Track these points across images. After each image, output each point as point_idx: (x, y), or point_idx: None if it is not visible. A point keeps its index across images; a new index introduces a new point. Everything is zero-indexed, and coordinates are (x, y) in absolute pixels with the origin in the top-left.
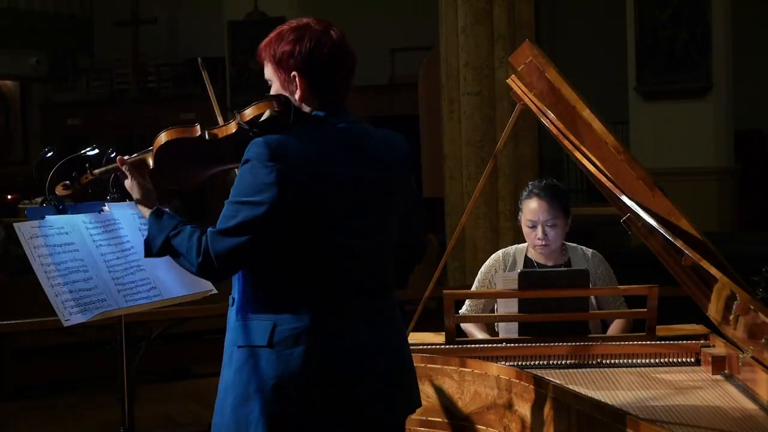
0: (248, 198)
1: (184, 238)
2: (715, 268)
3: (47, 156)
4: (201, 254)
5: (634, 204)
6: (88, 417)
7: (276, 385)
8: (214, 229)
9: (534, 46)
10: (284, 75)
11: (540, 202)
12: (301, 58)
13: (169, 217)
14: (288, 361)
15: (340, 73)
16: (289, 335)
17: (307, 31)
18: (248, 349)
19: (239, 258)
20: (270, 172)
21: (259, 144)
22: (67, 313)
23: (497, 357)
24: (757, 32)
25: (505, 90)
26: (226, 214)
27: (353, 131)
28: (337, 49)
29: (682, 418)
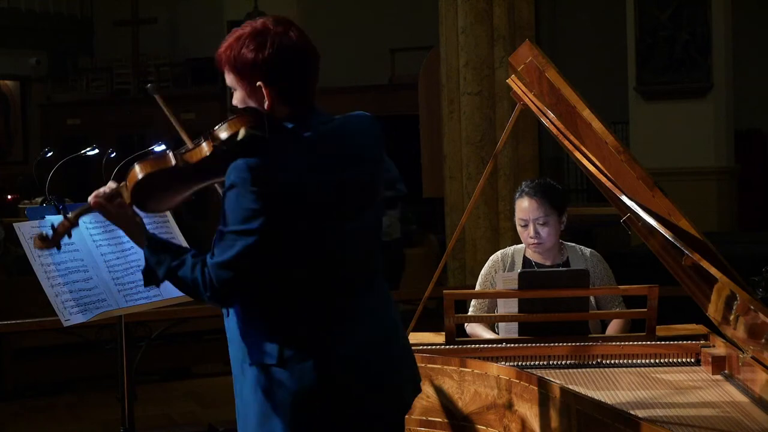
0: (240, 227)
1: (187, 270)
2: (715, 268)
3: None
4: (209, 288)
5: (634, 204)
6: (88, 417)
7: (294, 402)
8: (214, 261)
9: (534, 46)
10: (248, 85)
11: (530, 200)
12: (265, 67)
13: (163, 246)
14: (301, 376)
15: (306, 75)
16: (297, 351)
17: (268, 36)
18: (260, 366)
19: (244, 286)
20: (256, 199)
21: (240, 168)
22: (67, 313)
23: (497, 357)
24: (757, 32)
25: (505, 90)
26: (223, 245)
27: (329, 134)
28: (300, 52)
29: (682, 418)
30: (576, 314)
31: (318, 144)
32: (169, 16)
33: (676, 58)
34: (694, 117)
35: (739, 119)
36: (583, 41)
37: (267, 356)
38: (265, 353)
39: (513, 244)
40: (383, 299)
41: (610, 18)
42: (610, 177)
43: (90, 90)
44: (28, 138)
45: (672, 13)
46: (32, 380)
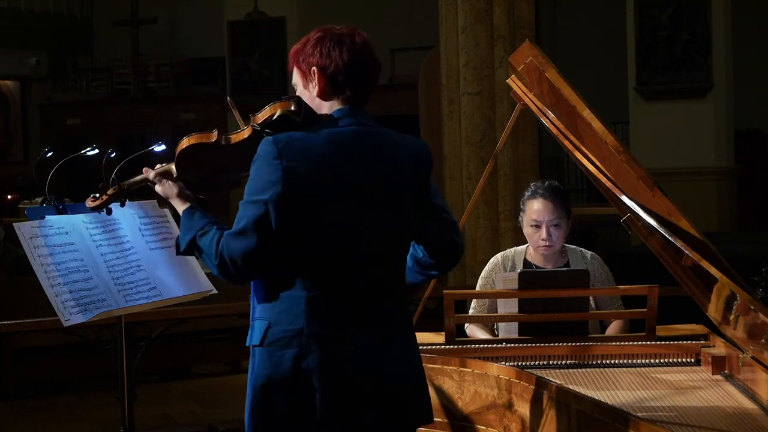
0: (255, 197)
1: (208, 239)
2: (715, 268)
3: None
4: (218, 257)
5: (634, 204)
6: (88, 417)
7: (264, 384)
8: (228, 231)
9: (534, 46)
10: (305, 70)
11: (545, 202)
12: (320, 54)
13: (200, 216)
14: (278, 362)
15: (359, 73)
16: (281, 337)
17: (330, 32)
18: (251, 348)
19: (252, 259)
20: (275, 170)
21: (267, 143)
22: (67, 313)
23: (497, 357)
24: (757, 32)
25: (505, 90)
26: (238, 215)
27: (364, 133)
28: (357, 51)
29: (682, 418)
30: (576, 314)
31: (350, 138)
32: (169, 16)
33: (676, 58)
34: (694, 117)
35: (739, 119)
36: (583, 41)
37: (255, 337)
38: (254, 334)
39: (513, 244)
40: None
41: (610, 18)
42: (610, 177)
43: (90, 90)
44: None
45: (672, 13)
46: (32, 380)
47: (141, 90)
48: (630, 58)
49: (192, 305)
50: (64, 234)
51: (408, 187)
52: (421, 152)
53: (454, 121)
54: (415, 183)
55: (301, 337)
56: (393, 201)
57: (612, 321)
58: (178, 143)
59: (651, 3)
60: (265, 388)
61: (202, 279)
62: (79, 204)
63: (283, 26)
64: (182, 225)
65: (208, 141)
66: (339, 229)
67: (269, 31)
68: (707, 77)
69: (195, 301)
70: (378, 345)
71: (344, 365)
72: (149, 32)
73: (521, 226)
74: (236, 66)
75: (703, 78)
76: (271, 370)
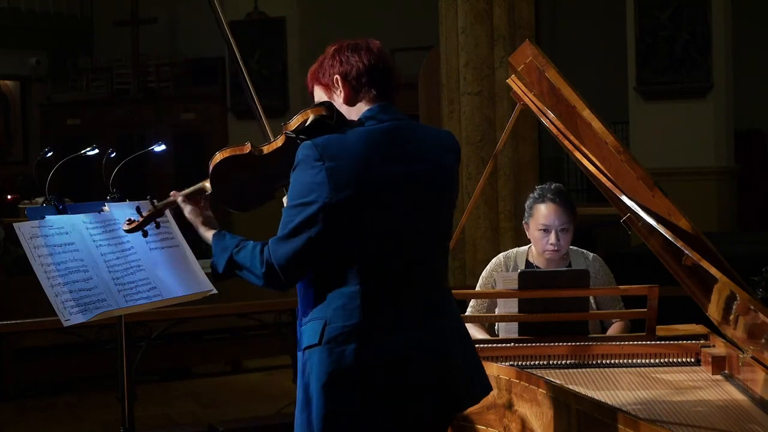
0: (301, 200)
1: (248, 252)
2: (715, 268)
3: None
4: (264, 264)
5: (634, 204)
6: (88, 417)
7: (328, 382)
8: (275, 237)
9: (534, 46)
10: (327, 82)
11: (555, 207)
12: (339, 62)
13: (231, 237)
14: (340, 359)
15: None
16: (340, 333)
17: (345, 42)
18: (306, 351)
19: (301, 262)
20: (318, 172)
21: (307, 146)
22: (67, 313)
23: (497, 357)
24: (757, 32)
25: (505, 90)
26: (284, 221)
27: (398, 128)
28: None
29: (682, 418)
30: (576, 314)
31: (386, 134)
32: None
33: (676, 58)
34: (694, 117)
35: (739, 119)
36: (583, 41)
37: (311, 338)
38: (311, 335)
39: (513, 244)
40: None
41: (610, 18)
42: (610, 177)
43: (90, 90)
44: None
45: (672, 13)
46: (32, 380)
47: (141, 90)
48: (630, 58)
49: (192, 305)
50: (64, 234)
51: (447, 177)
52: (453, 142)
53: (454, 121)
54: (452, 172)
55: (360, 332)
56: (435, 191)
57: (613, 322)
58: (210, 159)
59: (651, 3)
60: (330, 386)
61: (202, 279)
62: (79, 204)
63: (283, 26)
64: (214, 248)
65: (241, 153)
66: (387, 224)
67: (269, 31)
68: (707, 77)
69: (195, 301)
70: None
71: (401, 356)
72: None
73: (526, 228)
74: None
75: (703, 78)
76: (333, 367)
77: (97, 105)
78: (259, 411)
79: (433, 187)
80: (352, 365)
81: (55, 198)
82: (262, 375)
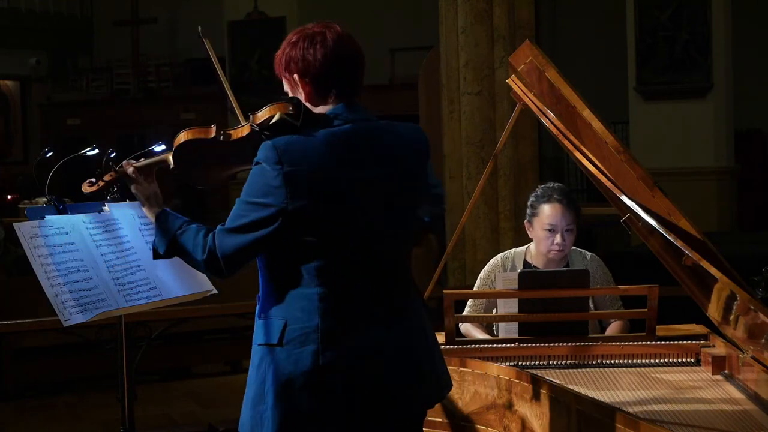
0: (257, 199)
1: (190, 236)
2: (715, 268)
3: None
4: (206, 251)
5: (634, 204)
6: (88, 417)
7: (286, 383)
8: (224, 227)
9: (534, 46)
10: (290, 79)
11: (561, 207)
12: (297, 60)
13: (174, 217)
14: (298, 360)
15: (340, 71)
16: (299, 334)
17: (303, 34)
18: (265, 347)
19: (243, 257)
20: (277, 175)
21: (268, 147)
22: (67, 313)
23: (497, 357)
24: (757, 32)
25: (505, 90)
26: (236, 213)
27: (364, 130)
28: (330, 48)
29: (682, 418)
30: (576, 314)
31: (349, 137)
32: (169, 16)
33: (676, 58)
34: (694, 117)
35: (739, 119)
36: (583, 41)
37: (271, 336)
38: (270, 333)
39: (513, 244)
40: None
41: (610, 18)
42: (610, 177)
43: (90, 90)
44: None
45: (672, 13)
46: (32, 380)
47: (141, 90)
48: (630, 58)
49: (192, 305)
50: (64, 234)
51: (410, 179)
52: (419, 139)
53: (454, 121)
54: (416, 172)
55: (317, 333)
56: (396, 194)
57: (612, 321)
58: (176, 136)
59: (651, 3)
60: (287, 387)
61: (202, 279)
62: (79, 204)
63: (283, 26)
64: (156, 229)
65: (206, 136)
66: (347, 228)
67: (269, 31)
68: (707, 77)
69: (195, 301)
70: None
71: (360, 358)
72: (149, 32)
73: (528, 227)
74: (236, 66)
75: (703, 78)
76: (291, 368)
77: (97, 105)
78: None
79: (396, 190)
80: (310, 368)
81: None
82: None
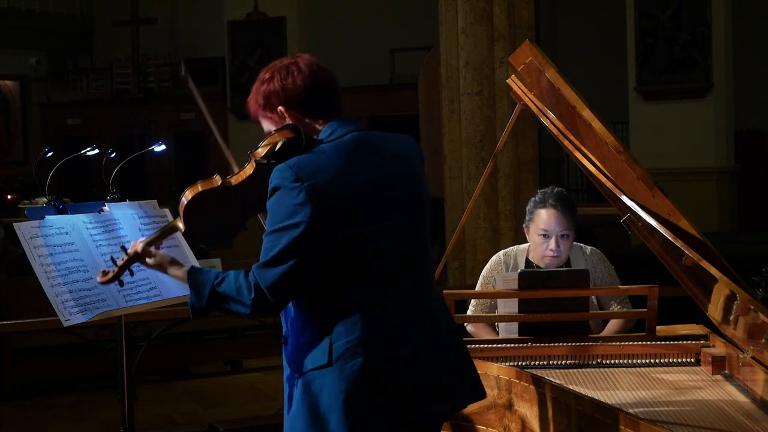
0: (284, 223)
1: (230, 282)
2: (715, 268)
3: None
4: (253, 290)
5: (634, 204)
6: (88, 417)
7: (345, 400)
8: (259, 263)
9: (534, 46)
10: (273, 116)
11: (556, 213)
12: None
13: (206, 271)
14: (351, 375)
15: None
16: (346, 349)
17: (275, 68)
18: (310, 373)
19: (290, 284)
20: (298, 193)
21: (281, 169)
22: (67, 313)
23: (497, 357)
24: (757, 32)
25: (505, 90)
26: (267, 246)
27: (365, 137)
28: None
29: (682, 418)
30: (576, 314)
31: (356, 144)
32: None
33: (676, 58)
34: (694, 117)
35: (739, 119)
36: (583, 41)
37: (319, 358)
38: (316, 356)
39: (513, 244)
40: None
41: (610, 18)
42: (610, 177)
43: (90, 90)
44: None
45: (672, 13)
46: (32, 380)
47: (141, 90)
48: (630, 58)
49: None
50: (64, 234)
51: (419, 178)
52: (414, 146)
53: (454, 121)
54: (421, 173)
55: (363, 344)
56: (412, 192)
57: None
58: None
59: (651, 3)
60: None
61: None
62: (79, 204)
63: (283, 26)
64: (191, 286)
65: (212, 187)
66: (373, 232)
67: (269, 31)
68: (707, 77)
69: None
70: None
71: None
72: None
73: (527, 231)
74: (236, 66)
75: (703, 78)
76: (347, 384)
77: (97, 105)
78: (259, 411)
79: (410, 188)
80: (364, 379)
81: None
82: (262, 375)
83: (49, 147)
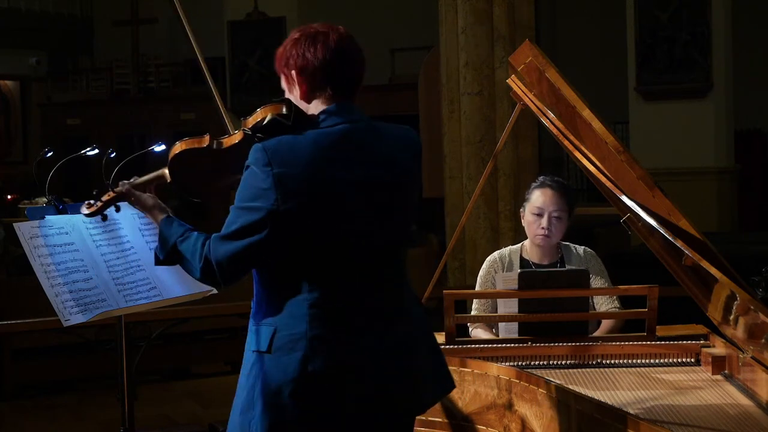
0: (247, 203)
1: (190, 243)
2: (715, 268)
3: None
4: (202, 260)
5: (634, 204)
6: (88, 417)
7: (274, 391)
8: (217, 235)
9: (534, 46)
10: (288, 76)
11: (551, 192)
12: (297, 58)
13: (178, 224)
14: (286, 367)
15: (337, 69)
16: (287, 341)
17: (306, 32)
18: (256, 353)
19: (239, 264)
20: (266, 177)
21: (257, 149)
22: (67, 313)
23: (497, 357)
24: (757, 32)
25: (505, 90)
26: (229, 219)
27: (357, 131)
28: (331, 48)
29: (682, 418)
30: (576, 314)
31: (343, 138)
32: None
33: (676, 58)
34: (694, 117)
35: (739, 119)
36: (583, 41)
37: (261, 342)
38: (260, 340)
39: (513, 244)
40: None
41: (610, 18)
42: (610, 177)
43: (90, 90)
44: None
45: (672, 13)
46: (32, 380)
47: (141, 90)
48: (630, 58)
49: (192, 305)
50: (64, 234)
51: (404, 180)
52: (412, 141)
53: (454, 121)
54: (409, 174)
55: (305, 340)
56: (388, 196)
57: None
58: (170, 149)
59: (651, 3)
60: (276, 394)
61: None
62: (79, 204)
63: (283, 26)
64: (160, 235)
65: (200, 146)
66: (337, 231)
67: (269, 31)
68: (707, 77)
69: (195, 301)
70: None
71: (349, 367)
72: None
73: (522, 216)
74: (236, 66)
75: (703, 78)
76: (280, 376)
77: (97, 105)
78: None
79: (387, 192)
80: (297, 376)
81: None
82: None
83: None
